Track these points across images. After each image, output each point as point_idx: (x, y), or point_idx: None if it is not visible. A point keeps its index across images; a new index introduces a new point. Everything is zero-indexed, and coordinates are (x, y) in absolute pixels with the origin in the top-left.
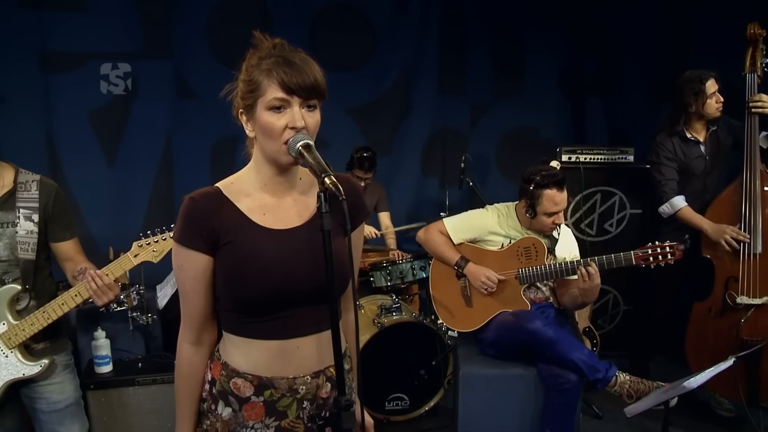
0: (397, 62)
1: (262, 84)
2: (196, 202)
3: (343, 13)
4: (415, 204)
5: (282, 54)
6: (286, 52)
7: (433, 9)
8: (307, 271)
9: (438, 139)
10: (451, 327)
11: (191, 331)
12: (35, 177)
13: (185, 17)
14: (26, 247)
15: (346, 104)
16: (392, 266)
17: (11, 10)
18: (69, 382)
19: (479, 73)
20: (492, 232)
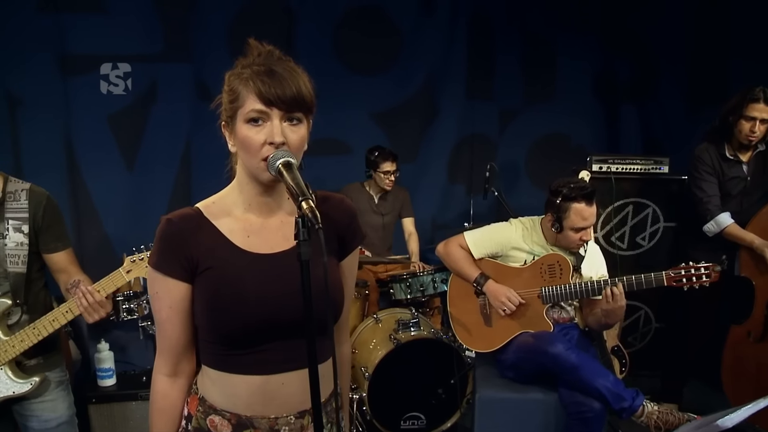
0: (423, 66)
1: (241, 94)
2: (172, 225)
3: (369, 15)
4: (441, 212)
5: (266, 63)
6: (272, 60)
7: (461, 11)
8: (294, 301)
9: (465, 146)
10: (469, 346)
11: (167, 362)
12: (25, 186)
13: (206, 19)
14: (16, 259)
15: (369, 108)
16: (413, 278)
17: (29, 14)
18: (62, 399)
19: (508, 77)
20: (515, 247)
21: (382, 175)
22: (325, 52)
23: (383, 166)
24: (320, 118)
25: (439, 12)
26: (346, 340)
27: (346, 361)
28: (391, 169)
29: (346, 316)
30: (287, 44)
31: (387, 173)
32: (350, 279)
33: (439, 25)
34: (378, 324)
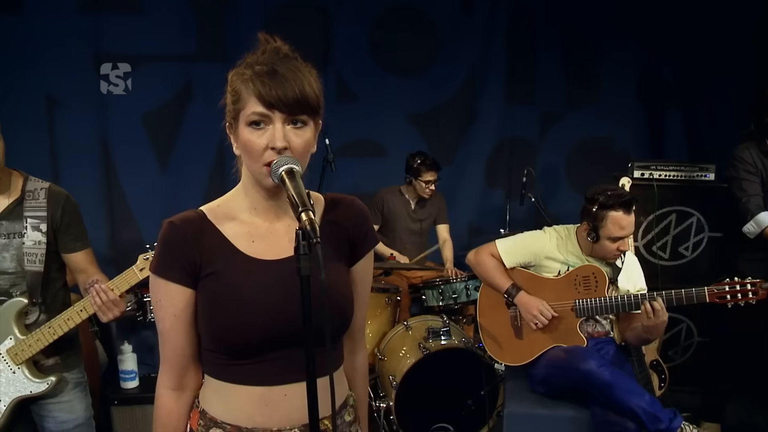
0: (462, 67)
1: (243, 96)
2: (175, 228)
3: (406, 15)
4: (478, 217)
5: (269, 61)
6: (276, 59)
7: (501, 12)
8: (298, 310)
9: (504, 149)
10: (498, 359)
11: (171, 374)
12: (44, 185)
13: (241, 19)
14: (33, 258)
15: (406, 110)
16: (445, 285)
17: (68, 14)
18: (79, 401)
19: (549, 80)
20: (549, 257)
21: (423, 184)
22: (362, 53)
23: (425, 176)
24: (356, 119)
25: (478, 12)
26: (361, 350)
27: (361, 372)
28: (433, 179)
29: (361, 325)
30: (324, 45)
31: (428, 183)
32: (363, 285)
33: (478, 26)
34: (408, 331)
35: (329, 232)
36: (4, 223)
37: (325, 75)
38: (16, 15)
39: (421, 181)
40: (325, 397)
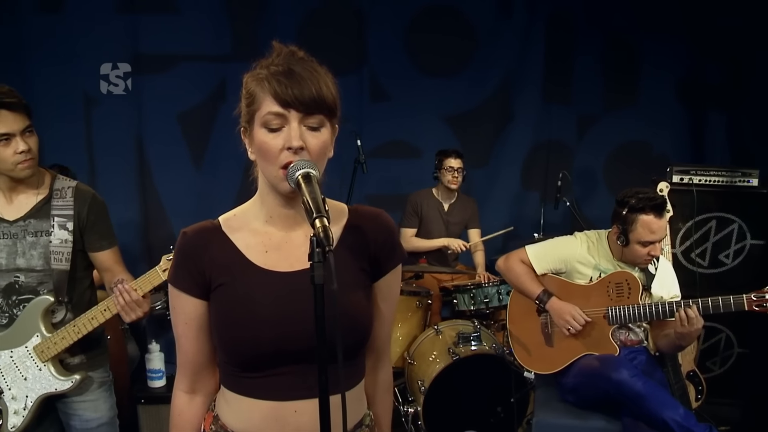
0: (498, 68)
1: (258, 96)
2: (187, 239)
3: (442, 15)
4: (513, 220)
5: (285, 62)
6: (292, 60)
7: (539, 12)
8: (312, 324)
9: (541, 152)
10: (528, 367)
11: (184, 378)
12: (71, 184)
13: (275, 20)
14: (60, 257)
15: (441, 111)
16: (477, 289)
17: (108, 15)
18: (104, 400)
19: (588, 81)
20: (580, 262)
21: (445, 173)
22: (397, 54)
23: (447, 162)
24: (390, 120)
25: (517, 13)
26: (385, 365)
27: (384, 388)
28: (455, 165)
29: (385, 341)
30: (358, 46)
31: (450, 169)
32: (388, 302)
33: (516, 27)
34: (438, 335)
35: (351, 244)
36: (32, 221)
37: (359, 76)
38: (58, 15)
39: (444, 169)
40: (337, 415)
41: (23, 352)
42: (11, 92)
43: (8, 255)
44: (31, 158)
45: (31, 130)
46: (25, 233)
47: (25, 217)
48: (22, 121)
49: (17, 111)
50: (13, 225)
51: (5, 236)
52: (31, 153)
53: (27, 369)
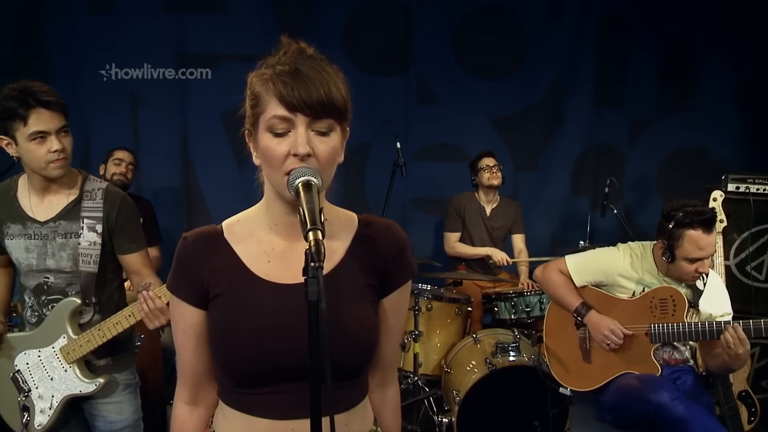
0: (548, 70)
1: (262, 98)
2: (186, 244)
3: (492, 16)
4: (561, 226)
5: (292, 61)
6: (300, 59)
7: (591, 13)
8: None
9: (591, 156)
10: (564, 384)
11: (184, 388)
12: (102, 185)
13: (322, 18)
14: (88, 259)
15: (489, 114)
16: (518, 297)
17: (155, 14)
18: (128, 402)
19: (641, 84)
20: (622, 275)
21: (483, 172)
22: (445, 54)
23: (483, 161)
24: (436, 122)
25: (569, 13)
26: (393, 383)
27: (392, 406)
28: (490, 164)
29: (392, 358)
30: (405, 45)
31: (487, 168)
32: (396, 318)
33: (568, 28)
34: (476, 344)
35: (359, 257)
36: (62, 222)
37: (406, 77)
38: (107, 16)
39: (482, 170)
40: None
41: (50, 353)
42: (50, 91)
43: (38, 255)
44: (64, 158)
45: (66, 130)
46: (55, 234)
47: (56, 218)
48: (58, 120)
49: (54, 110)
50: (44, 226)
51: (36, 237)
52: (64, 153)
53: (53, 369)
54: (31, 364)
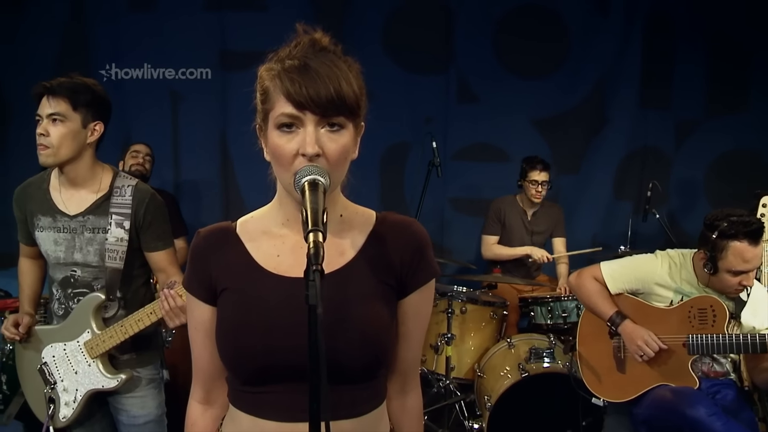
0: (592, 70)
1: (271, 94)
2: (199, 240)
3: (534, 14)
4: (603, 230)
5: (301, 55)
6: (311, 53)
7: (638, 12)
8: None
9: (636, 159)
10: (597, 393)
11: (198, 387)
12: (131, 182)
13: (362, 15)
14: (114, 255)
15: (531, 114)
16: (555, 302)
17: (196, 12)
18: (152, 397)
19: (689, 85)
20: (659, 284)
21: (529, 185)
22: (486, 53)
23: (531, 174)
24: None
25: (614, 12)
26: (414, 389)
27: (412, 413)
28: (539, 179)
29: (412, 364)
30: (446, 44)
31: (534, 183)
32: (416, 321)
33: (613, 26)
34: (510, 349)
35: (373, 256)
36: (91, 217)
37: (446, 75)
38: (151, 13)
39: (528, 182)
40: None
41: (75, 347)
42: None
43: (67, 249)
44: (44, 145)
45: (58, 117)
46: (84, 229)
47: (85, 212)
48: (54, 106)
49: (57, 96)
50: (73, 220)
51: (65, 230)
52: (45, 140)
53: (78, 363)
54: (56, 357)
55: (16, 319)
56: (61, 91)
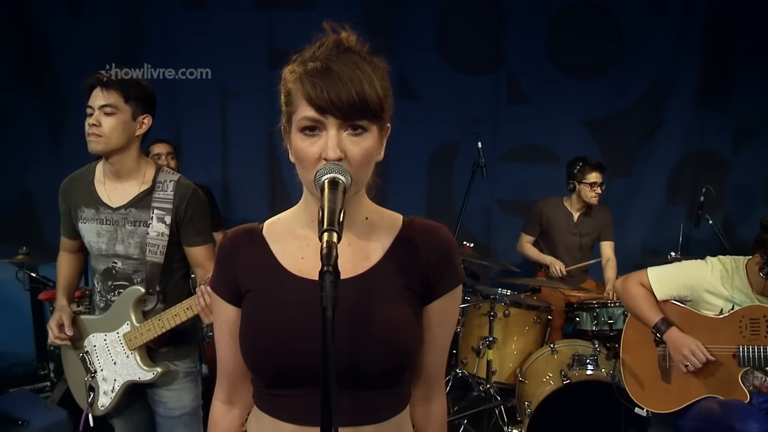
0: (647, 71)
1: (294, 97)
2: (225, 241)
3: (587, 14)
4: (654, 236)
5: (324, 57)
6: (334, 54)
7: (696, 11)
8: (342, 342)
9: (691, 163)
10: (640, 403)
11: (221, 386)
12: (174, 177)
13: (412, 15)
14: (155, 249)
15: (582, 115)
16: (601, 308)
17: (246, 11)
18: (188, 391)
19: (750, 86)
20: (709, 292)
21: (587, 188)
22: (537, 53)
23: (589, 177)
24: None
25: (672, 11)
26: (439, 397)
27: (437, 421)
28: (598, 180)
29: (437, 371)
30: (496, 43)
31: (593, 185)
32: (442, 328)
33: (670, 26)
34: (553, 355)
35: (398, 259)
36: (133, 210)
37: (496, 75)
38: (202, 11)
39: (585, 184)
40: None
41: (114, 338)
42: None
43: (109, 240)
44: (96, 134)
45: (110, 110)
46: (126, 221)
47: (127, 205)
48: (106, 98)
49: (109, 89)
50: (116, 212)
51: (107, 222)
52: (98, 130)
53: (117, 354)
54: (98, 347)
55: (57, 321)
56: (113, 83)
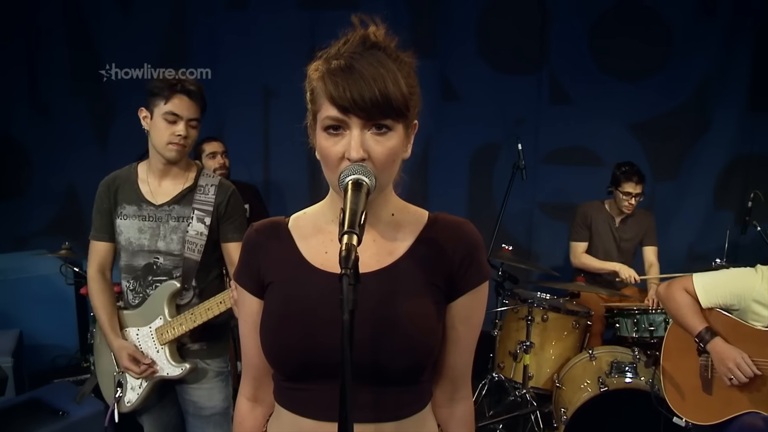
0: (696, 72)
1: (317, 95)
2: (251, 233)
3: (633, 14)
4: (700, 241)
5: (348, 54)
6: (359, 51)
7: (748, 12)
8: (363, 337)
9: (739, 167)
10: (678, 413)
11: (248, 383)
12: (214, 181)
13: (454, 13)
14: (193, 247)
15: (626, 118)
16: (642, 315)
17: (288, 10)
18: (218, 390)
19: None
20: (757, 302)
21: (621, 196)
22: (581, 54)
23: (624, 186)
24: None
25: (721, 12)
26: (465, 398)
27: (462, 422)
28: (633, 191)
29: (463, 371)
30: (539, 43)
31: (627, 195)
32: (467, 326)
33: (720, 26)
34: (592, 361)
35: (422, 256)
36: (176, 207)
37: (539, 75)
38: (244, 11)
39: (620, 192)
40: None
41: (147, 332)
42: (198, 86)
43: (151, 236)
44: (183, 144)
45: (195, 123)
46: (169, 217)
47: (170, 202)
48: (193, 110)
49: (194, 100)
50: (159, 209)
51: (150, 218)
52: (185, 141)
53: (148, 349)
54: (129, 341)
55: (130, 359)
56: (196, 96)
